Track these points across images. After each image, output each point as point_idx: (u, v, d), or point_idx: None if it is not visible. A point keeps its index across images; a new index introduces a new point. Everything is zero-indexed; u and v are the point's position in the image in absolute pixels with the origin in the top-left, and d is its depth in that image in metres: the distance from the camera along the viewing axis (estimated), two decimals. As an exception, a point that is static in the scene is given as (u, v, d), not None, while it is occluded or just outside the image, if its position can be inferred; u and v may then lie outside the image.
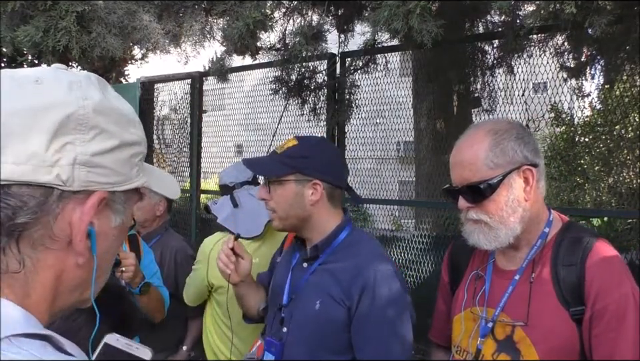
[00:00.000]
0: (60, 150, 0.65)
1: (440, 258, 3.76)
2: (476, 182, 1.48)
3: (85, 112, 0.67)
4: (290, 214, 1.79)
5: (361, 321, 1.68)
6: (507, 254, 1.58)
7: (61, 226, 0.67)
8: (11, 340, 0.60)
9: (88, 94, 0.69)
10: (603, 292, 1.40)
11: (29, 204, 0.64)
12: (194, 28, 3.36)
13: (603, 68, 3.52)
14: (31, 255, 0.66)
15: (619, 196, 3.64)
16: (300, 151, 1.79)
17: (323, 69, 3.89)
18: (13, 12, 3.03)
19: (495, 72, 3.85)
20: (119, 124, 0.72)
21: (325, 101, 3.93)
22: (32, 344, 0.60)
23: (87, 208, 0.68)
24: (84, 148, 0.67)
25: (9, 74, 0.69)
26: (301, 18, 3.35)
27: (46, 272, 0.67)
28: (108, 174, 0.70)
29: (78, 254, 0.69)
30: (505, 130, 1.51)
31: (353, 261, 1.74)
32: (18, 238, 0.64)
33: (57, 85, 0.68)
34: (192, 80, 4.85)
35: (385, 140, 4.24)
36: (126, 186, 0.73)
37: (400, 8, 2.01)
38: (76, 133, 0.66)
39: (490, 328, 1.53)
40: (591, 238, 1.49)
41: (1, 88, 0.66)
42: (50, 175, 0.64)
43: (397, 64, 4.00)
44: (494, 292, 1.57)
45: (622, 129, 3.63)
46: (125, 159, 0.72)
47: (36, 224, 0.65)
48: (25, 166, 0.63)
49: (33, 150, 0.64)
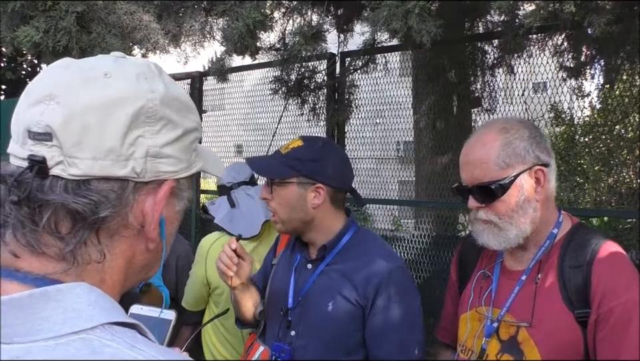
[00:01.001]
0: (133, 144, 0.68)
1: (440, 258, 3.76)
2: (487, 182, 1.46)
3: (154, 104, 0.70)
4: (292, 216, 1.76)
5: (377, 319, 1.67)
6: (514, 254, 1.57)
7: (135, 215, 0.70)
8: (105, 327, 0.63)
9: (154, 87, 0.71)
10: (608, 295, 1.38)
11: (110, 198, 0.67)
12: (194, 28, 3.36)
13: (603, 68, 3.52)
14: (108, 244, 0.69)
15: (618, 196, 3.64)
16: (304, 153, 1.76)
17: (322, 69, 3.89)
18: (12, 13, 3.03)
19: (495, 72, 3.85)
20: (181, 113, 0.74)
21: (324, 101, 3.93)
22: (124, 333, 0.63)
23: (159, 198, 0.71)
24: (154, 141, 0.70)
25: (75, 67, 0.70)
26: (301, 18, 3.34)
27: (119, 258, 0.71)
28: (174, 163, 0.73)
29: (150, 240, 0.73)
30: (517, 130, 1.50)
31: (364, 260, 1.73)
32: (98, 230, 0.67)
33: (126, 78, 0.70)
34: (192, 80, 4.86)
35: (385, 140, 4.24)
36: (189, 172, 0.77)
37: (399, 8, 2.01)
38: (146, 126, 0.69)
39: (495, 328, 1.52)
40: (599, 240, 1.47)
41: (71, 82, 0.67)
42: (126, 168, 0.67)
43: (397, 64, 4.00)
44: (500, 292, 1.56)
45: (622, 129, 3.63)
46: (187, 146, 0.75)
47: (115, 217, 0.68)
48: (103, 161, 0.66)
49: (109, 145, 0.66)
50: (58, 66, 0.71)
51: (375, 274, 1.68)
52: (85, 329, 0.61)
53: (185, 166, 0.75)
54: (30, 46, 2.98)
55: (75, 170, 0.65)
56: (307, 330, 1.74)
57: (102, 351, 0.60)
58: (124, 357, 0.60)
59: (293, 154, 1.76)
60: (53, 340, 0.59)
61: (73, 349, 0.59)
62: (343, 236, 1.79)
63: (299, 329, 1.75)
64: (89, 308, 0.63)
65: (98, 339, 0.61)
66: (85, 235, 0.66)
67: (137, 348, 0.62)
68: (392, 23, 2.02)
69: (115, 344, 0.61)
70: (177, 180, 0.75)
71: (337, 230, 1.79)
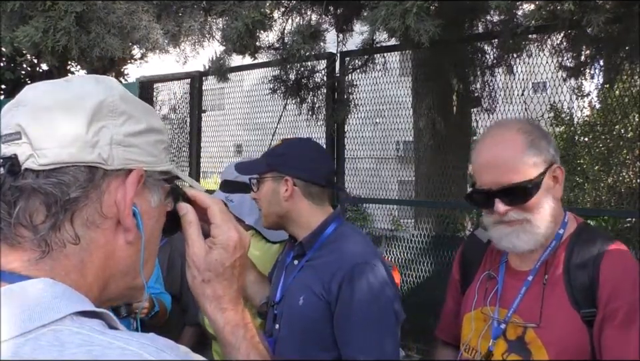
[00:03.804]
0: (98, 133, 0.71)
1: (439, 258, 3.76)
2: (519, 182, 1.44)
3: (114, 99, 0.74)
4: (270, 210, 1.83)
5: (341, 316, 1.67)
6: (520, 255, 1.56)
7: (108, 204, 0.72)
8: (73, 317, 0.64)
9: (112, 87, 0.76)
10: (615, 295, 1.39)
11: (79, 179, 0.69)
12: (193, 28, 3.36)
13: (602, 67, 3.52)
14: (84, 235, 0.71)
15: (618, 196, 3.64)
16: (279, 150, 1.85)
17: (322, 69, 3.89)
18: (12, 13, 3.03)
19: (495, 72, 3.85)
20: (143, 111, 0.78)
21: (324, 101, 3.93)
22: (92, 321, 0.65)
23: (128, 184, 0.74)
24: (117, 130, 0.73)
25: (39, 85, 0.76)
26: (300, 17, 3.34)
27: (99, 252, 0.72)
28: (142, 154, 0.75)
29: (127, 230, 0.74)
30: (533, 129, 1.50)
31: (335, 255, 1.74)
32: (72, 216, 0.69)
33: (84, 80, 0.77)
34: (191, 79, 4.85)
35: (385, 139, 4.24)
36: (160, 167, 0.79)
37: (397, 7, 2.01)
38: (108, 119, 0.73)
39: (502, 329, 1.52)
40: (606, 240, 1.47)
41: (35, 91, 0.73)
42: (93, 154, 0.70)
43: (397, 64, 4.00)
44: (506, 293, 1.56)
45: (621, 129, 3.63)
46: (154, 142, 0.78)
47: (86, 200, 0.70)
48: (70, 148, 0.69)
49: (75, 132, 0.70)
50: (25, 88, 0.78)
51: (340, 269, 1.69)
52: (54, 320, 0.62)
53: (154, 160, 0.78)
54: (29, 46, 2.98)
55: (44, 160, 0.68)
56: (285, 324, 1.78)
57: (72, 340, 0.61)
58: (95, 342, 0.61)
59: (270, 152, 1.87)
60: (22, 337, 0.60)
61: (44, 342, 0.60)
62: (322, 232, 1.81)
63: (281, 323, 1.79)
64: (55, 300, 0.64)
65: (67, 328, 0.62)
66: (59, 220, 0.68)
67: (107, 333, 0.63)
68: (390, 22, 2.03)
69: (85, 331, 0.62)
70: (147, 172, 0.77)
71: (315, 226, 1.80)
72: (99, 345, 0.61)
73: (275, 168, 1.81)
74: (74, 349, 0.60)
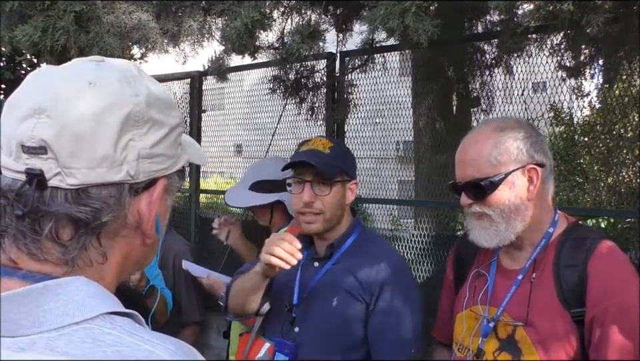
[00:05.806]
0: (125, 148, 0.71)
1: (439, 258, 3.76)
2: (478, 178, 1.50)
3: (140, 108, 0.72)
4: (335, 214, 1.82)
5: (379, 316, 1.73)
6: (510, 254, 1.59)
7: (132, 214, 0.74)
8: (104, 316, 0.67)
9: (137, 89, 0.73)
10: (604, 294, 1.39)
11: (109, 203, 0.70)
12: (192, 27, 3.36)
13: (602, 67, 3.51)
14: (109, 246, 0.73)
15: (618, 196, 3.63)
16: (342, 152, 1.87)
17: (321, 68, 3.88)
18: (11, 12, 3.03)
19: (494, 72, 3.84)
20: (165, 112, 0.77)
21: (324, 100, 3.93)
22: (123, 321, 0.68)
23: (155, 197, 0.75)
24: (144, 142, 0.73)
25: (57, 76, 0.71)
26: (300, 17, 3.34)
27: (117, 256, 0.75)
28: (164, 161, 0.76)
29: (147, 237, 0.77)
30: (512, 129, 1.53)
31: (369, 258, 1.79)
32: (99, 234, 0.71)
33: (110, 85, 0.72)
34: (191, 79, 4.84)
35: (384, 139, 4.23)
36: (177, 166, 0.80)
37: (396, 6, 2.02)
38: (134, 129, 0.72)
39: (491, 327, 1.54)
40: (595, 239, 1.48)
41: (58, 94, 0.69)
42: (121, 173, 0.70)
43: (397, 64, 3.99)
44: (497, 291, 1.58)
45: (621, 129, 3.62)
46: (173, 142, 0.78)
47: (115, 221, 0.71)
48: (99, 169, 0.68)
49: (103, 152, 0.69)
50: (39, 76, 0.73)
51: (380, 271, 1.74)
52: (87, 319, 0.65)
53: (173, 162, 0.79)
54: (28, 46, 2.98)
55: (73, 180, 0.68)
56: (310, 326, 1.78)
57: (104, 339, 0.64)
58: (124, 343, 0.64)
59: (334, 154, 1.83)
60: (55, 331, 0.63)
61: (76, 338, 0.63)
62: (349, 236, 1.84)
63: (302, 325, 1.78)
64: (89, 299, 0.67)
65: (99, 328, 0.65)
66: (87, 240, 0.70)
67: (136, 335, 0.66)
68: (389, 22, 2.03)
69: (116, 332, 0.65)
70: (168, 177, 0.78)
71: (344, 229, 1.84)
72: (127, 346, 0.64)
73: (346, 171, 1.84)
74: (105, 348, 0.63)
